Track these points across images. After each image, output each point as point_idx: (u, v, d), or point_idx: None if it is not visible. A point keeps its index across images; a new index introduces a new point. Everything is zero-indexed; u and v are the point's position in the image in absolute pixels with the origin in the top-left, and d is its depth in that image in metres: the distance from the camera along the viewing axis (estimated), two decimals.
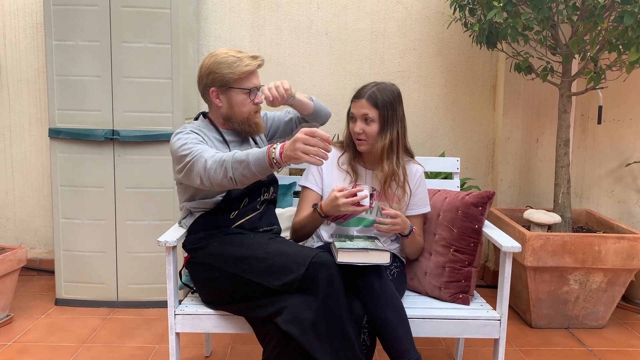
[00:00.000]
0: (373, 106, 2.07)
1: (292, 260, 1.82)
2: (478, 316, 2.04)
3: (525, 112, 3.32)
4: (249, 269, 1.88)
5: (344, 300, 1.80)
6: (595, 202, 3.41)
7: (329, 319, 1.76)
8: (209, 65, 2.04)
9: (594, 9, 2.47)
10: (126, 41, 2.80)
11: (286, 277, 1.80)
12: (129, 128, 2.86)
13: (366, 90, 2.09)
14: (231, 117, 2.08)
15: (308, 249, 1.91)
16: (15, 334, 2.69)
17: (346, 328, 1.77)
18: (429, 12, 3.36)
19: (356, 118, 2.10)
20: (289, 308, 1.79)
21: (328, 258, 1.83)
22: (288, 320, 1.78)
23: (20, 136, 3.39)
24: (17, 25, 3.32)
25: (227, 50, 2.05)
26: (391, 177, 2.11)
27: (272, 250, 1.89)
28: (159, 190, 2.91)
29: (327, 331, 1.75)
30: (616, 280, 2.75)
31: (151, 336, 2.68)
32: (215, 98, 2.06)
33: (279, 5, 3.34)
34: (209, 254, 2.00)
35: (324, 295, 1.77)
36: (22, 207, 3.46)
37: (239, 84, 2.03)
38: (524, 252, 2.66)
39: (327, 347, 1.74)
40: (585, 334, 2.79)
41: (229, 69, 2.01)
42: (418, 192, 2.18)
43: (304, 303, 1.78)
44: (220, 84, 2.03)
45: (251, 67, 2.03)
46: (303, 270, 1.78)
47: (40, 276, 3.47)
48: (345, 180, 2.17)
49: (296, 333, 1.75)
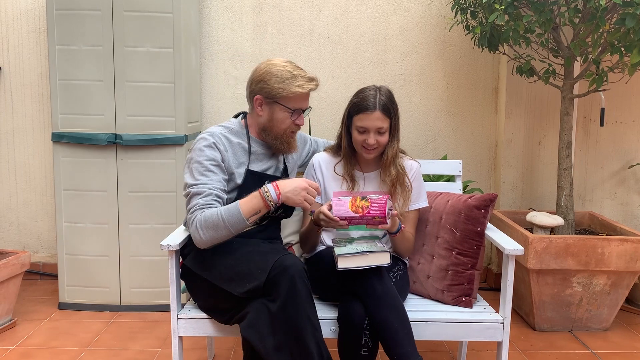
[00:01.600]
0: (387, 117, 2.03)
1: (256, 267, 1.81)
2: (481, 319, 2.03)
3: (528, 115, 3.32)
4: (219, 275, 1.88)
5: (307, 305, 1.76)
6: (598, 204, 3.40)
7: (287, 326, 1.73)
8: (262, 73, 1.99)
9: (596, 12, 2.47)
10: (129, 45, 2.81)
11: (250, 284, 1.80)
12: (131, 132, 2.86)
13: (375, 100, 2.02)
14: (267, 130, 2.05)
15: (275, 253, 1.86)
16: (19, 338, 2.69)
17: (304, 336, 1.73)
18: (431, 15, 3.37)
19: (369, 131, 2.03)
20: (250, 314, 1.79)
21: (291, 262, 1.79)
22: (247, 325, 1.78)
23: (23, 140, 3.40)
24: (20, 29, 3.33)
25: (285, 64, 2.00)
26: (397, 178, 2.12)
27: (239, 257, 1.88)
28: (162, 194, 2.91)
29: (284, 338, 1.73)
30: (620, 283, 2.74)
31: (154, 340, 2.68)
32: (258, 106, 2.02)
33: (280, 9, 3.34)
34: (191, 261, 2.00)
35: (282, 301, 1.74)
36: (25, 211, 3.47)
37: (286, 101, 1.99)
38: (527, 255, 2.66)
39: (282, 355, 1.73)
40: (589, 337, 2.78)
41: (280, 84, 1.96)
42: (414, 186, 2.18)
43: (263, 308, 1.77)
44: (267, 95, 1.99)
45: (303, 89, 1.98)
46: (264, 277, 1.77)
47: (43, 280, 3.47)
48: (342, 187, 2.15)
49: (255, 339, 1.75)
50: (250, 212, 1.86)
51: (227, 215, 1.84)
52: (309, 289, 1.80)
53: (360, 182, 2.17)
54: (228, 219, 1.84)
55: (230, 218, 1.84)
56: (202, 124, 3.36)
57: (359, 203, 1.90)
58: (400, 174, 2.12)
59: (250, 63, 3.36)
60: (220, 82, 3.39)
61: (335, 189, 2.14)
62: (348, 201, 1.91)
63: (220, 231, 1.85)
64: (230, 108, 3.39)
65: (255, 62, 3.35)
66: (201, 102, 3.37)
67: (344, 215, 1.89)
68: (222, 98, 3.40)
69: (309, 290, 1.80)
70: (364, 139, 2.05)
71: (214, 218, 1.84)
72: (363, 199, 1.90)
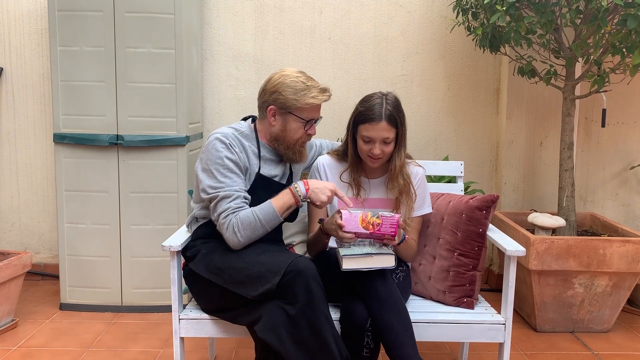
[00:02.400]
0: (393, 127, 2.02)
1: (268, 270, 1.83)
2: (482, 320, 2.03)
3: (529, 116, 3.32)
4: (230, 279, 1.90)
5: (323, 306, 1.80)
6: (599, 205, 3.40)
7: (307, 326, 1.76)
8: (277, 84, 2.00)
9: (597, 12, 2.47)
10: (130, 46, 2.81)
11: (262, 287, 1.82)
12: (133, 133, 2.87)
13: (381, 110, 2.00)
14: (279, 139, 2.06)
15: (286, 256, 1.88)
16: (20, 338, 2.69)
17: (324, 335, 1.76)
18: (432, 16, 3.37)
19: (375, 141, 2.02)
20: (265, 316, 1.81)
21: (304, 265, 1.81)
22: (265, 328, 1.80)
23: (25, 141, 3.41)
24: (22, 31, 3.33)
25: (299, 75, 2.02)
26: (404, 187, 2.11)
27: (250, 260, 1.90)
28: (163, 195, 2.92)
29: (304, 339, 1.76)
30: (621, 284, 2.73)
31: (155, 341, 2.68)
32: (271, 117, 2.04)
33: (282, 10, 3.35)
34: (195, 265, 2.01)
35: (301, 304, 1.77)
36: (27, 212, 3.47)
37: (300, 112, 2.01)
38: (529, 256, 2.65)
39: (305, 355, 1.75)
40: (591, 338, 2.78)
41: (295, 96, 1.98)
42: (418, 193, 2.18)
43: (280, 310, 1.79)
44: (281, 106, 2.01)
45: (317, 101, 2.00)
46: (277, 279, 1.79)
47: (44, 281, 3.47)
48: (347, 193, 2.13)
49: (274, 341, 1.77)
50: (283, 208, 1.95)
51: (262, 215, 1.92)
52: (323, 290, 1.83)
53: (366, 188, 2.16)
54: (264, 218, 1.92)
55: (266, 217, 1.92)
56: (203, 125, 3.36)
57: (369, 219, 1.88)
58: (407, 183, 2.12)
59: (252, 64, 3.36)
60: (222, 83, 3.39)
61: None
62: (358, 216, 1.89)
63: (257, 231, 1.93)
64: (232, 109, 3.39)
65: (257, 63, 3.36)
66: (203, 103, 3.37)
67: (354, 230, 1.88)
68: (224, 99, 3.40)
69: (324, 292, 1.83)
70: (369, 148, 2.04)
71: (251, 219, 1.91)
72: (374, 215, 1.88)
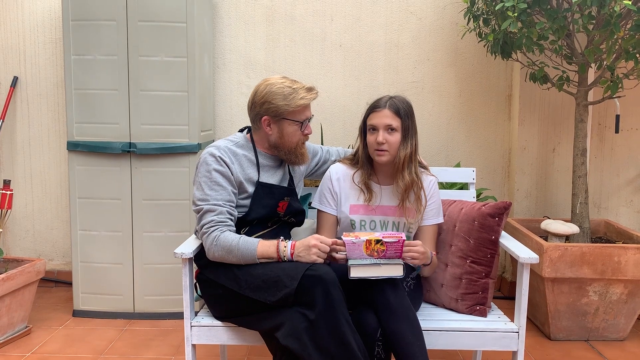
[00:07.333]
0: (396, 115, 2.05)
1: (285, 275, 1.84)
2: (496, 328, 2.02)
3: (541, 122, 3.30)
4: (246, 285, 1.91)
5: (343, 310, 1.80)
6: (614, 212, 3.36)
7: (328, 330, 1.76)
8: (264, 95, 2.03)
9: (610, 18, 2.45)
10: (143, 55, 2.84)
11: (280, 292, 1.82)
12: (145, 141, 2.89)
13: (385, 101, 2.08)
14: (279, 146, 2.09)
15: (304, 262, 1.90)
16: (34, 345, 2.71)
17: (346, 337, 1.76)
18: (443, 22, 3.36)
19: (378, 129, 2.06)
20: (287, 323, 1.81)
21: (323, 270, 1.82)
22: (287, 334, 1.80)
23: (39, 149, 3.45)
24: (36, 40, 3.38)
25: (283, 80, 2.05)
26: (411, 185, 2.10)
27: (267, 265, 1.91)
28: (175, 202, 2.93)
29: (326, 342, 1.76)
30: (637, 292, 2.70)
31: (167, 347, 2.69)
32: (267, 126, 2.07)
33: (293, 18, 3.36)
34: (211, 271, 2.02)
35: (321, 308, 1.77)
36: (41, 219, 3.50)
37: (293, 115, 2.04)
38: (542, 263, 2.63)
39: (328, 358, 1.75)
40: (606, 347, 2.74)
41: (284, 101, 2.01)
42: (431, 201, 2.17)
43: (301, 317, 1.79)
44: (274, 115, 2.04)
45: (306, 100, 2.04)
46: (295, 284, 1.80)
47: (58, 288, 3.50)
48: (359, 199, 2.15)
49: (296, 347, 1.78)
50: (264, 255, 1.93)
51: (243, 247, 1.92)
52: (344, 295, 1.83)
53: (377, 195, 2.15)
54: (242, 251, 1.92)
55: (245, 252, 1.92)
56: (215, 133, 3.38)
57: (374, 247, 1.88)
58: (417, 183, 2.10)
59: (263, 72, 3.38)
60: (234, 90, 3.41)
61: (352, 202, 2.14)
62: (362, 245, 1.89)
63: (230, 256, 1.93)
64: (244, 116, 3.41)
65: (269, 71, 3.38)
66: (214, 110, 3.39)
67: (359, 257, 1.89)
68: (235, 106, 3.42)
69: (344, 297, 1.83)
70: (374, 138, 2.07)
71: (232, 243, 1.92)
72: (378, 242, 1.88)
